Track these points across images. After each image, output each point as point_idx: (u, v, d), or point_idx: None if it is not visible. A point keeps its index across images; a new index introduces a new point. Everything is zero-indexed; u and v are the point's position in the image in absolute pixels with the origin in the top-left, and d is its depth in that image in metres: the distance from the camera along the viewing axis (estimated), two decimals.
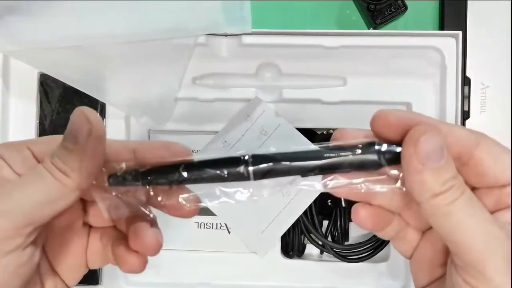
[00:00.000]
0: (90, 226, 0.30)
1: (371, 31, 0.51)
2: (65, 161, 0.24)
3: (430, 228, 0.27)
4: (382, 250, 0.49)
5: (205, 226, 0.50)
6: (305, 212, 0.48)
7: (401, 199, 0.27)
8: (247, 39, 0.47)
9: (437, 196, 0.23)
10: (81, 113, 0.24)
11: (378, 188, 0.26)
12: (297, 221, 0.49)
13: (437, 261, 0.27)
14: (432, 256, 0.27)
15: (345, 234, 0.50)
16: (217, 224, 0.50)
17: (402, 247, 0.28)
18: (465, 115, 0.49)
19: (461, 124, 0.48)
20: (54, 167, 0.25)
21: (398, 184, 0.25)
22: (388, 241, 0.48)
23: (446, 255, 0.26)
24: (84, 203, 0.29)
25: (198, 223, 0.50)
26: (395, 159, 0.25)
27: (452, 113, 0.47)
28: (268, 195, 0.27)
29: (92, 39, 0.44)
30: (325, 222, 0.51)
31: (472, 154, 0.24)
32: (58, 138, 0.26)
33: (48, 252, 0.28)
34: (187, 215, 0.28)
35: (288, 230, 0.49)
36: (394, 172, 0.25)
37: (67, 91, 0.50)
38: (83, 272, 0.30)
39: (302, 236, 0.50)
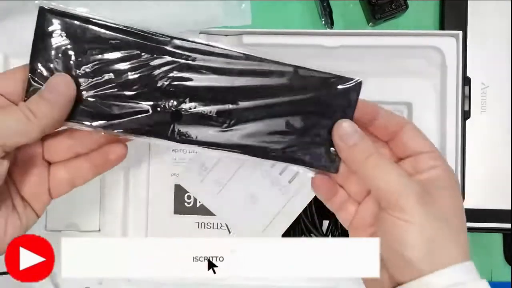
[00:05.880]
0: (49, 163, 0.35)
1: (371, 31, 0.51)
2: (37, 106, 0.31)
3: (364, 198, 0.36)
4: None
5: (206, 226, 0.50)
6: (305, 212, 0.48)
7: (344, 172, 0.35)
8: (247, 39, 0.47)
9: (357, 153, 0.33)
10: (64, 78, 0.31)
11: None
12: (297, 221, 0.49)
13: (368, 222, 0.35)
14: (364, 220, 0.36)
15: (345, 234, 0.50)
16: (217, 224, 0.50)
17: (343, 216, 0.37)
18: (465, 115, 0.49)
19: (461, 124, 0.48)
20: (27, 108, 0.30)
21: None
22: None
23: (374, 217, 0.35)
24: (43, 143, 0.35)
25: (198, 223, 0.50)
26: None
27: (452, 113, 0.47)
28: None
29: None
30: (325, 222, 0.51)
31: (399, 132, 0.35)
32: (18, 72, 0.32)
33: (16, 181, 0.34)
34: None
35: (288, 230, 0.49)
36: None
37: None
38: (46, 200, 0.35)
39: (302, 236, 0.50)
